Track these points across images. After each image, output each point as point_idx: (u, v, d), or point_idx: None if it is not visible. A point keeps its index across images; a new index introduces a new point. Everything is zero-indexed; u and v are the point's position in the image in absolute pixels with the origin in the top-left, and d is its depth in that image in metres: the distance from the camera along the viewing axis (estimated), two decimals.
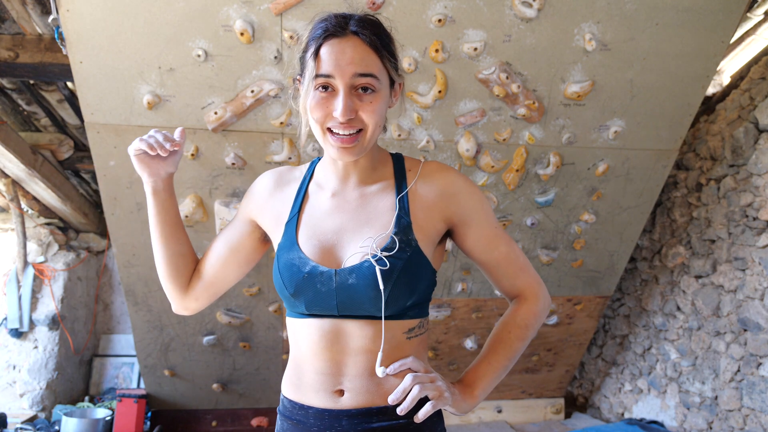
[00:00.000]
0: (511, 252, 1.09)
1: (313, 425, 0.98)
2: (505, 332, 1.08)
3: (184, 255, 1.13)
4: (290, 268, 1.00)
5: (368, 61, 0.96)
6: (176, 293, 1.15)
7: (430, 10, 2.18)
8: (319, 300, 0.98)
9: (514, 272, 1.10)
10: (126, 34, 2.10)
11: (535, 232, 2.96)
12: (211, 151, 2.44)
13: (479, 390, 1.04)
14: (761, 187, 2.73)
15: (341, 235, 1.02)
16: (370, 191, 1.05)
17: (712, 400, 2.95)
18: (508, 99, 2.44)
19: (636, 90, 2.49)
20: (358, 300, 0.96)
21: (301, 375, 1.02)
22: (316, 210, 1.06)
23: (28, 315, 3.46)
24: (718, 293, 2.96)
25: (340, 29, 0.97)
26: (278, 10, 2.11)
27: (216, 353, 3.20)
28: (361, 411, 0.97)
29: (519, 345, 1.08)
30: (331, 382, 0.99)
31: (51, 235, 3.64)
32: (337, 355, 0.98)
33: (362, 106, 0.96)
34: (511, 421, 3.80)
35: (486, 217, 1.07)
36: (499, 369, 1.06)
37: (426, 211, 1.03)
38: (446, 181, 1.05)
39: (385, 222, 1.01)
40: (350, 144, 0.97)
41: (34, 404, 3.36)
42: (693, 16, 2.30)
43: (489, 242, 1.07)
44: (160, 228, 1.10)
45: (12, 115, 3.17)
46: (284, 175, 1.13)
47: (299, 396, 1.02)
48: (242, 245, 1.14)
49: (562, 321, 3.43)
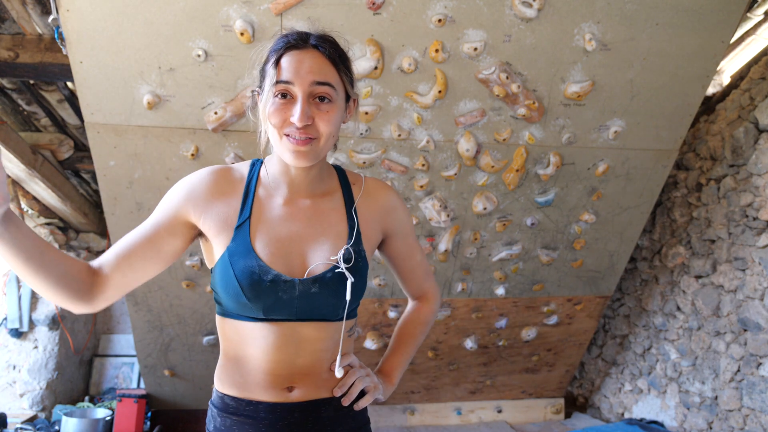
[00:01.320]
0: (423, 260, 1.27)
1: (265, 419, 1.03)
2: (411, 328, 1.28)
3: (64, 275, 0.96)
4: (250, 276, 1.00)
5: (326, 71, 1.01)
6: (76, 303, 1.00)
7: (430, 10, 2.18)
8: (279, 306, 1.01)
9: (422, 277, 1.28)
10: (126, 34, 2.10)
11: (535, 232, 2.96)
12: (211, 151, 2.44)
13: (395, 377, 1.23)
14: (761, 187, 2.73)
15: (298, 243, 1.05)
16: (320, 201, 1.10)
17: (712, 400, 2.95)
18: (508, 99, 2.44)
19: (636, 90, 2.49)
20: (318, 306, 1.03)
21: (245, 374, 1.05)
22: (268, 216, 1.06)
23: (28, 315, 3.46)
24: (718, 293, 2.96)
25: (300, 42, 1.02)
26: (278, 10, 2.11)
27: (216, 353, 3.20)
28: (311, 403, 1.06)
29: (421, 338, 1.29)
30: (281, 380, 1.04)
31: (51, 235, 3.64)
32: (289, 355, 1.04)
33: (319, 115, 1.00)
34: (511, 421, 3.80)
35: (411, 231, 1.23)
36: (408, 359, 1.26)
37: (370, 224, 1.14)
38: (386, 198, 1.17)
39: (339, 232, 1.09)
40: (304, 147, 0.99)
41: (34, 404, 3.36)
42: (693, 16, 2.30)
43: (410, 253, 1.24)
44: (22, 264, 0.91)
45: (12, 115, 3.17)
46: (225, 175, 1.10)
47: (245, 393, 1.05)
48: (169, 244, 1.05)
49: (562, 321, 3.43)
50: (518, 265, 3.08)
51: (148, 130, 2.34)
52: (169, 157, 2.43)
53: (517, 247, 2.98)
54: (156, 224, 1.05)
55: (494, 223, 2.88)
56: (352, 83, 1.09)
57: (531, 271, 3.12)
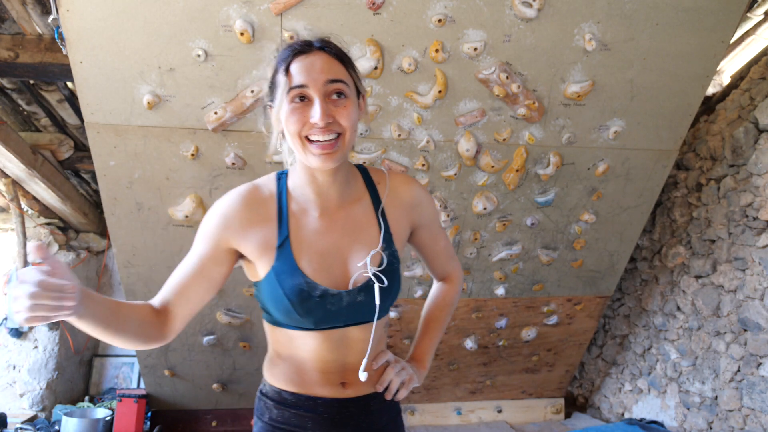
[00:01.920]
0: (447, 244, 1.32)
1: (324, 412, 1.12)
2: (437, 311, 1.34)
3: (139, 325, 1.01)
4: (300, 294, 1.04)
5: (336, 69, 1.04)
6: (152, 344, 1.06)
7: (430, 10, 2.18)
8: (329, 317, 1.08)
9: (447, 260, 1.34)
10: (126, 34, 2.10)
11: (535, 232, 2.96)
12: (211, 151, 2.44)
13: (427, 362, 1.29)
14: (761, 187, 2.73)
15: (338, 255, 1.10)
16: (352, 209, 1.13)
17: (712, 400, 2.95)
18: (508, 99, 2.44)
19: (636, 90, 2.49)
20: (364, 311, 1.10)
21: (302, 373, 1.13)
22: (306, 232, 1.09)
23: None
24: (718, 293, 2.96)
25: (306, 47, 1.04)
26: (278, 10, 2.11)
27: (216, 353, 3.20)
28: (363, 397, 1.15)
29: (447, 319, 1.36)
30: (335, 377, 1.13)
31: (51, 235, 3.64)
32: (340, 356, 1.12)
33: (337, 111, 1.01)
34: (511, 421, 3.80)
35: (437, 219, 1.27)
36: (437, 342, 1.33)
37: (398, 222, 1.17)
38: (411, 193, 1.19)
39: (372, 237, 1.12)
40: (331, 149, 1.01)
41: (34, 404, 3.36)
42: (693, 16, 2.30)
43: (435, 238, 1.28)
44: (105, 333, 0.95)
45: (12, 115, 3.17)
46: (255, 196, 1.11)
47: (303, 389, 1.13)
48: (217, 272, 1.09)
49: (562, 321, 3.43)
50: (518, 265, 3.08)
51: (148, 130, 2.34)
52: (169, 157, 2.43)
53: (517, 247, 2.98)
54: (201, 257, 1.08)
55: (494, 223, 2.88)
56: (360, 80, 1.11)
57: (531, 271, 3.12)
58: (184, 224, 2.64)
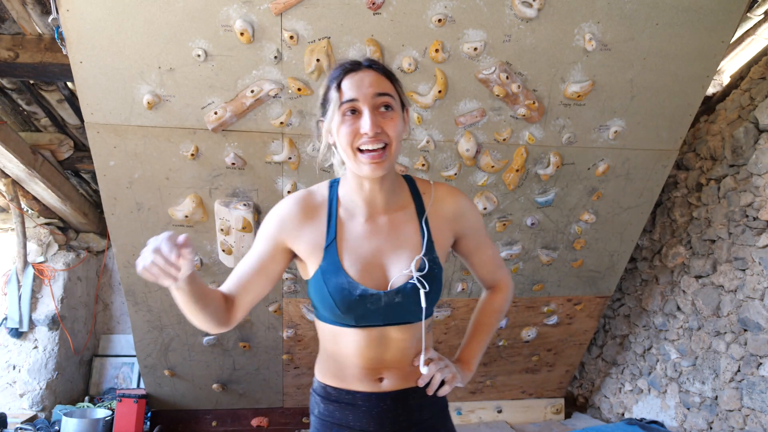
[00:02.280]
0: (494, 253, 1.37)
1: (362, 406, 1.20)
2: (485, 316, 1.39)
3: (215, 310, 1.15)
4: (341, 292, 1.15)
5: (383, 84, 1.14)
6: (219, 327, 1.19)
7: (430, 10, 2.18)
8: (368, 316, 1.17)
9: (495, 269, 1.38)
10: (126, 34, 2.10)
11: (535, 232, 2.96)
12: (211, 151, 2.44)
13: (473, 365, 1.33)
14: (761, 187, 2.73)
15: (380, 258, 1.19)
16: (396, 216, 1.22)
17: (712, 400, 2.95)
18: (508, 99, 2.44)
19: (636, 90, 2.49)
20: (401, 312, 1.18)
21: (343, 368, 1.22)
22: (352, 235, 1.20)
23: (28, 315, 3.46)
24: (718, 293, 2.96)
25: (355, 65, 1.15)
26: (278, 10, 2.11)
27: (216, 353, 3.20)
28: (400, 392, 1.21)
29: (496, 326, 1.40)
30: (372, 373, 1.20)
31: (51, 235, 3.64)
32: (378, 353, 1.19)
33: (385, 123, 1.12)
34: (511, 421, 3.80)
35: (482, 229, 1.32)
36: (484, 346, 1.37)
37: (441, 230, 1.24)
38: (455, 204, 1.26)
39: (415, 243, 1.20)
40: (380, 159, 1.11)
41: (34, 404, 3.37)
42: (693, 16, 2.30)
43: (482, 248, 1.34)
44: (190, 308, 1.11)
45: (12, 115, 3.17)
46: (309, 201, 1.23)
47: (344, 384, 1.22)
48: (273, 269, 1.23)
49: (562, 321, 3.43)
50: (518, 265, 3.08)
51: (148, 130, 2.34)
52: (169, 157, 2.43)
53: (517, 247, 2.98)
54: (260, 256, 1.22)
55: (494, 223, 2.88)
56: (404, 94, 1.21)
57: (531, 271, 3.12)
58: (184, 224, 2.64)
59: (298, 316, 3.11)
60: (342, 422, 1.21)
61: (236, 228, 2.63)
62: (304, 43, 2.20)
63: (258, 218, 2.68)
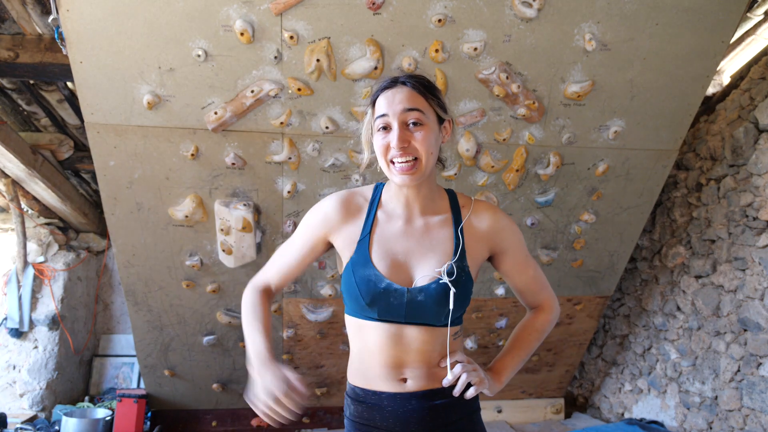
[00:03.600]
0: (537, 275, 1.38)
1: (387, 406, 1.23)
2: (526, 333, 1.38)
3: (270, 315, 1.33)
4: (367, 283, 1.21)
5: (414, 99, 1.20)
6: None
7: (430, 10, 2.18)
8: (391, 310, 1.21)
9: (538, 290, 1.39)
10: (126, 34, 2.10)
11: (535, 232, 2.96)
12: (211, 151, 2.44)
13: (505, 377, 1.32)
14: (761, 187, 2.73)
15: (409, 257, 1.24)
16: (432, 222, 1.28)
17: (712, 400, 2.95)
18: (508, 99, 2.44)
19: (636, 90, 2.49)
20: (423, 313, 1.20)
21: (367, 367, 1.26)
22: (386, 233, 1.26)
23: (28, 315, 3.46)
24: (718, 293, 2.96)
25: (392, 83, 1.23)
26: (278, 10, 2.11)
27: (216, 353, 3.20)
28: (425, 393, 1.23)
29: (535, 344, 1.38)
30: (395, 372, 1.23)
31: (51, 235, 3.64)
32: (399, 352, 1.22)
33: (414, 138, 1.19)
34: (511, 421, 3.80)
35: (521, 249, 1.34)
36: (519, 362, 1.35)
37: (476, 243, 1.28)
38: (494, 219, 1.30)
39: (446, 249, 1.24)
40: (409, 171, 1.19)
41: (34, 404, 3.36)
42: (693, 16, 2.30)
43: (521, 268, 1.35)
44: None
45: (12, 115, 3.17)
46: (352, 200, 1.32)
47: (369, 384, 1.26)
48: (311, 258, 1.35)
49: (562, 321, 3.43)
50: None
51: (148, 130, 2.34)
52: (169, 157, 2.43)
53: None
54: (302, 247, 1.33)
55: None
56: (444, 108, 1.26)
57: None
58: (184, 224, 2.64)
59: (298, 316, 3.11)
60: (370, 423, 1.25)
61: (236, 228, 2.63)
62: (304, 43, 2.20)
63: (258, 218, 2.68)
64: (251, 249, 2.73)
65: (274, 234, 2.76)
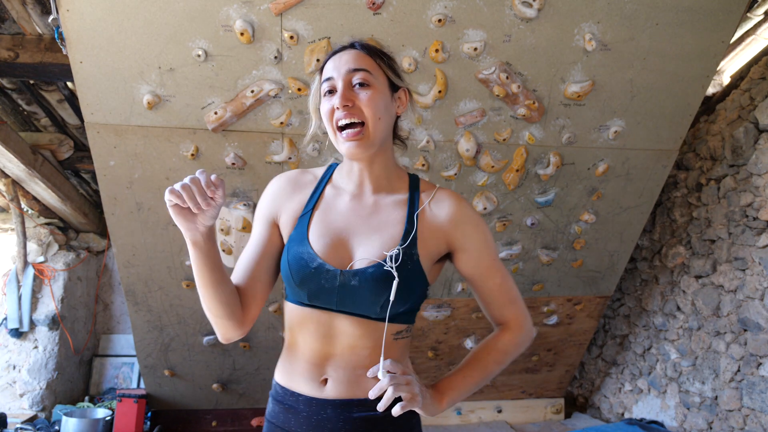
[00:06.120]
0: (504, 284, 1.17)
1: (303, 411, 1.08)
2: (484, 353, 1.16)
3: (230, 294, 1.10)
4: (299, 261, 1.08)
5: (361, 60, 1.10)
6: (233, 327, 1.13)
7: (430, 10, 2.18)
8: (321, 294, 1.06)
9: (504, 303, 1.18)
10: (126, 34, 2.10)
11: (535, 232, 2.96)
12: (211, 151, 2.44)
13: (448, 399, 1.11)
14: (761, 187, 2.73)
15: (350, 237, 1.10)
16: (384, 201, 1.14)
17: (712, 400, 2.95)
18: (508, 99, 2.44)
19: (636, 90, 2.49)
20: (356, 300, 1.05)
21: (292, 362, 1.12)
22: (330, 210, 1.14)
23: (28, 315, 3.46)
24: (718, 293, 2.96)
25: (342, 48, 1.13)
26: (278, 10, 2.11)
27: (216, 353, 3.20)
28: (344, 402, 1.07)
29: (494, 368, 1.16)
30: (317, 371, 1.09)
31: (51, 235, 3.64)
32: (326, 346, 1.08)
33: (359, 99, 1.07)
34: (511, 421, 3.80)
35: (486, 249, 1.15)
36: (470, 384, 1.14)
37: (432, 232, 1.12)
38: (454, 209, 1.13)
39: (394, 233, 1.09)
40: (356, 137, 1.07)
41: (34, 404, 3.36)
42: (693, 16, 2.30)
43: (485, 272, 1.16)
44: (205, 277, 1.06)
45: (12, 115, 3.17)
46: (299, 177, 1.21)
47: (290, 383, 1.11)
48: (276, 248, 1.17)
49: (562, 321, 3.43)
50: (518, 265, 3.08)
51: (148, 130, 2.34)
52: (169, 157, 2.43)
53: (517, 247, 2.98)
54: (259, 237, 1.17)
55: (494, 223, 2.88)
56: (397, 74, 1.14)
57: (531, 271, 3.12)
58: None
59: None
60: (285, 426, 1.10)
61: (236, 228, 2.63)
62: (304, 43, 2.20)
63: None
64: None
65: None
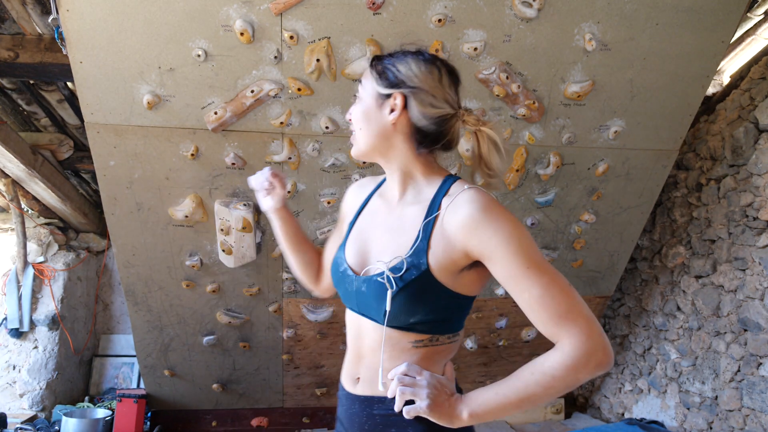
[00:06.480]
0: (545, 296, 0.96)
1: (344, 404, 1.17)
2: (526, 372, 0.99)
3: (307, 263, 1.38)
4: (335, 265, 1.19)
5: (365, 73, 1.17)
6: (310, 284, 1.41)
7: (430, 10, 2.18)
8: (346, 297, 1.16)
9: (547, 319, 0.96)
10: (126, 34, 2.10)
11: (535, 232, 2.96)
12: (211, 151, 2.44)
13: (470, 412, 1.01)
14: (761, 187, 2.73)
15: (371, 243, 1.15)
16: (407, 211, 1.11)
17: (712, 400, 2.95)
18: (508, 99, 2.44)
19: (636, 90, 2.49)
20: (367, 306, 1.09)
21: (345, 358, 1.21)
22: (368, 218, 1.22)
23: (28, 315, 3.46)
24: (718, 293, 2.96)
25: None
26: (278, 10, 2.11)
27: (216, 353, 3.20)
28: (367, 398, 1.11)
29: (537, 390, 0.97)
30: (353, 369, 1.16)
31: (51, 235, 3.64)
32: (358, 347, 1.14)
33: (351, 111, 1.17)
34: (511, 421, 3.80)
35: (512, 257, 0.98)
36: (503, 403, 0.99)
37: (444, 239, 1.02)
38: (468, 214, 1.00)
39: (405, 242, 1.06)
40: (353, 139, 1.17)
41: (34, 404, 3.36)
42: (693, 16, 2.30)
43: (516, 283, 0.98)
44: (282, 242, 1.37)
45: (12, 115, 3.17)
46: (365, 184, 1.32)
47: (342, 377, 1.21)
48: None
49: None
50: None
51: (148, 130, 2.34)
52: (169, 157, 2.43)
53: None
54: (338, 233, 1.34)
55: None
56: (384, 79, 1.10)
57: None
58: (184, 224, 2.64)
59: (298, 316, 3.11)
60: (338, 414, 1.22)
61: (236, 228, 2.63)
62: (304, 43, 2.20)
63: (258, 218, 2.68)
64: (251, 249, 2.73)
65: (274, 234, 2.76)
